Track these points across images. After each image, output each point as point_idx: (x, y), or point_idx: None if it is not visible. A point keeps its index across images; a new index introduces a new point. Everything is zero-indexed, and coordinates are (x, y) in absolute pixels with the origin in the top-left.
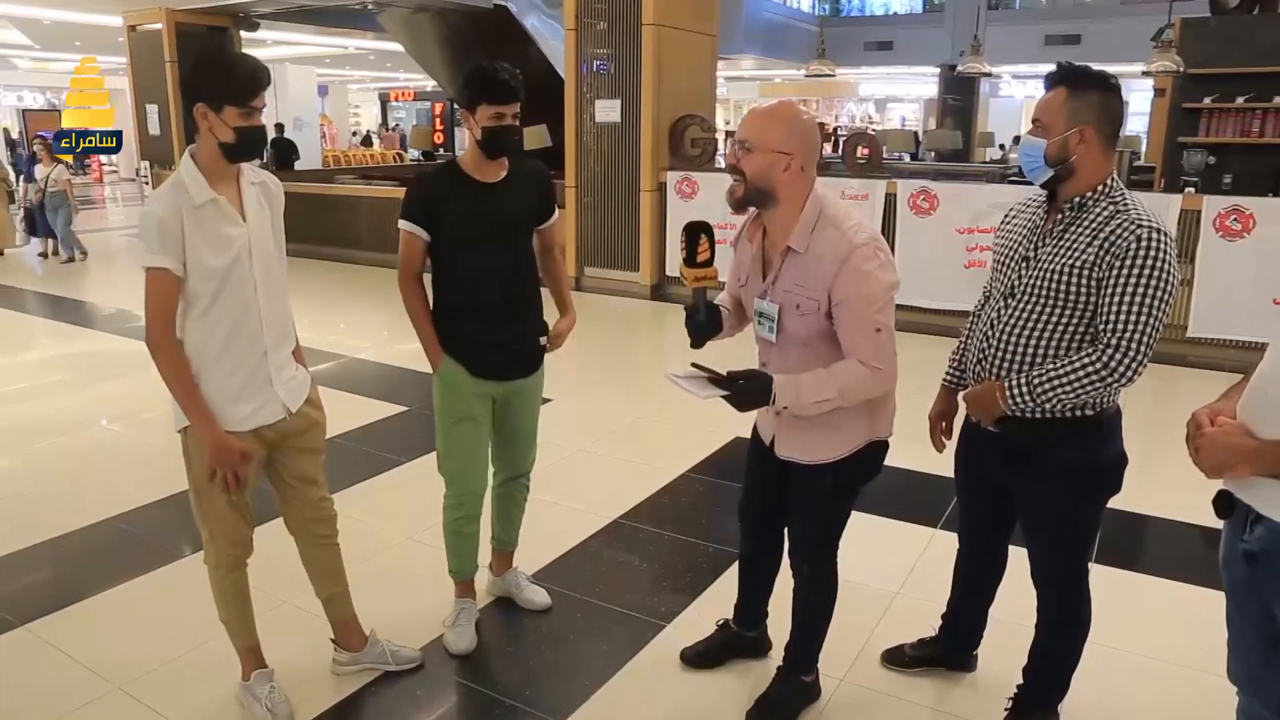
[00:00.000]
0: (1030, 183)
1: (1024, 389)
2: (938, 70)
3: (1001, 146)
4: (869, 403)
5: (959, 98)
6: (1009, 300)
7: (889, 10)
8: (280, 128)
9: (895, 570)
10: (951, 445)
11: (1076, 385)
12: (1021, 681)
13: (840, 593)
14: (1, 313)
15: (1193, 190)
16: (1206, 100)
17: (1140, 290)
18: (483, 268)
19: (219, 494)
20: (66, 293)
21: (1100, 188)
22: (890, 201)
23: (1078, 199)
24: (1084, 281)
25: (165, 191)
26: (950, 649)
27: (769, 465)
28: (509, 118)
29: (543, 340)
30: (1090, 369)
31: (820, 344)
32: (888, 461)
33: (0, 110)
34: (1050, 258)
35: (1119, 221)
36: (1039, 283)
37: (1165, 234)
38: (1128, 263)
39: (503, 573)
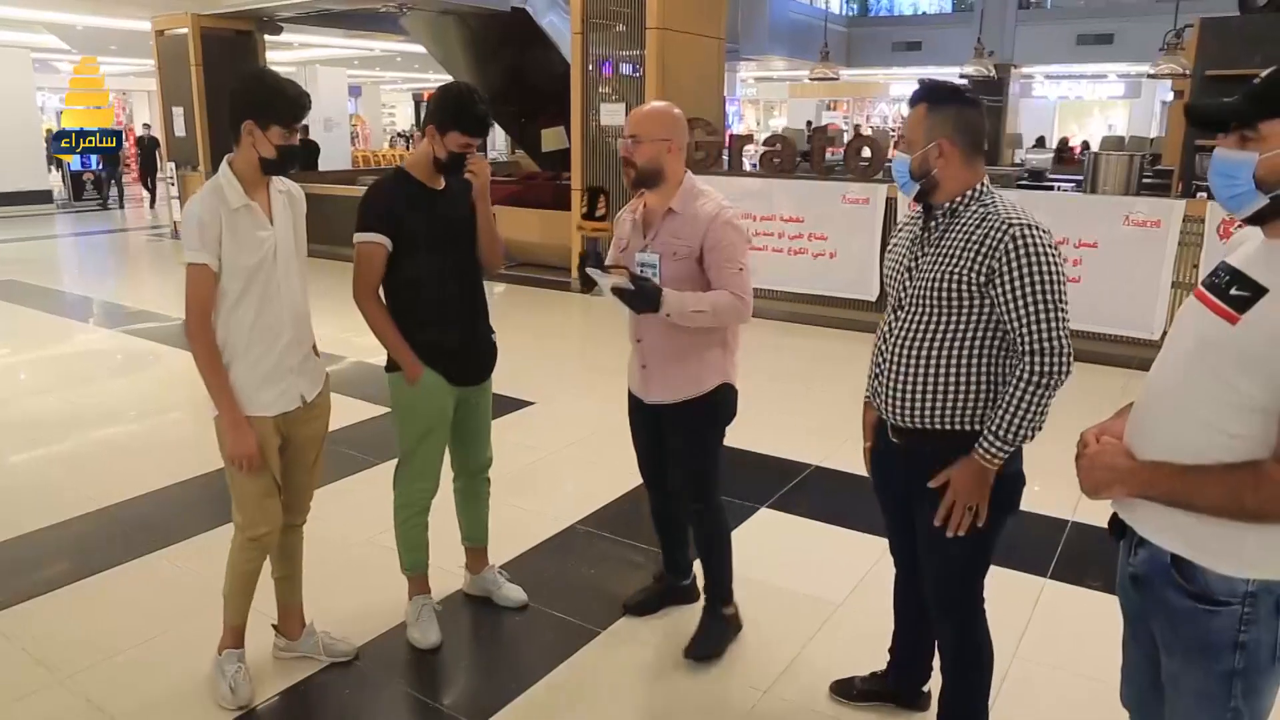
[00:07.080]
0: (1046, 188)
1: (993, 443)
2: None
3: (1040, 141)
4: (722, 348)
5: (990, 98)
6: (898, 312)
7: (918, 10)
8: (305, 129)
9: (841, 581)
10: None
11: (1028, 406)
12: None
13: (776, 601)
14: (24, 311)
15: (1205, 195)
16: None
17: (1032, 290)
18: (444, 272)
19: (246, 475)
20: (93, 293)
21: (969, 193)
22: (890, 206)
23: (948, 205)
24: (963, 288)
25: (205, 195)
26: (897, 683)
27: (647, 422)
28: (475, 148)
29: (494, 336)
30: (1029, 386)
31: (689, 285)
32: (835, 466)
33: (45, 114)
34: (930, 267)
35: (989, 224)
36: (921, 292)
37: (1036, 227)
38: (1009, 266)
39: (479, 571)
